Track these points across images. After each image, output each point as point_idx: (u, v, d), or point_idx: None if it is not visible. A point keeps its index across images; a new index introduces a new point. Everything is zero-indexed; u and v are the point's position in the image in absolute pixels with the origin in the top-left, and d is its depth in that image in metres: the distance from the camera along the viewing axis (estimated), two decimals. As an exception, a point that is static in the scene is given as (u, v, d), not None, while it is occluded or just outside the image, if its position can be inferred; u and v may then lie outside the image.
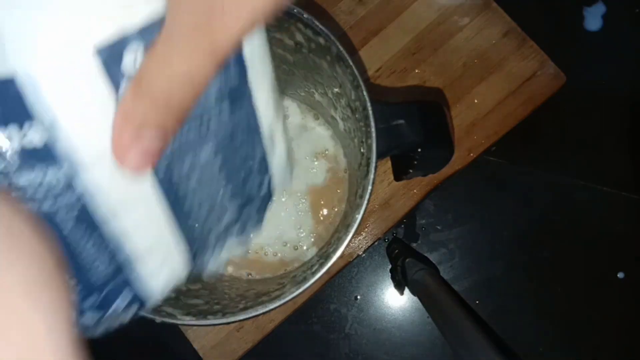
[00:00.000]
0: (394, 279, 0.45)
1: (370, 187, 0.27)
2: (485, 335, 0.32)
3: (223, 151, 0.18)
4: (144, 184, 0.17)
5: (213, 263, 0.21)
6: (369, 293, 0.47)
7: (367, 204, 0.28)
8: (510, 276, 0.47)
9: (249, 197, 0.21)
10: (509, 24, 0.44)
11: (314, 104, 0.40)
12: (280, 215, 0.41)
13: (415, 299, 0.44)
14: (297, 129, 0.41)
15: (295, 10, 0.27)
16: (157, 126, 0.15)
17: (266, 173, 0.21)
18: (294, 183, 0.41)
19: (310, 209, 0.41)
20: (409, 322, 0.46)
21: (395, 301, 0.47)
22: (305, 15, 0.27)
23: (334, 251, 0.28)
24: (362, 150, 0.30)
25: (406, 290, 0.45)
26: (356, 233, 0.29)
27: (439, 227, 0.47)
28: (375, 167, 0.28)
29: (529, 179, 0.47)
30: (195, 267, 0.20)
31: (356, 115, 0.31)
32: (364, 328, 0.46)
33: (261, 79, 0.19)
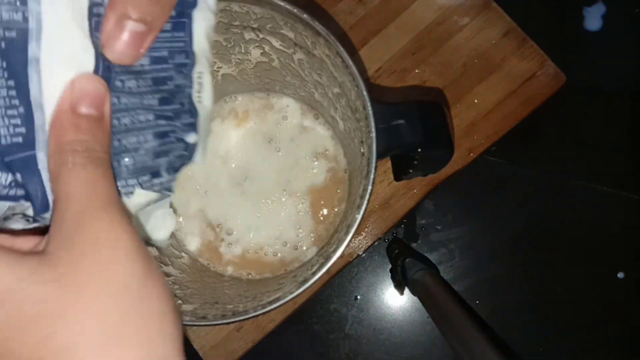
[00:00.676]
0: (394, 279, 0.45)
1: (370, 187, 0.27)
2: (485, 335, 0.32)
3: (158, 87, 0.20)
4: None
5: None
6: (369, 293, 0.47)
7: (367, 204, 0.28)
8: (510, 276, 0.47)
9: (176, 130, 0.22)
10: (509, 24, 0.44)
11: (314, 104, 0.40)
12: (280, 215, 0.41)
13: (415, 299, 0.44)
14: (297, 129, 0.41)
15: (295, 10, 0.27)
16: (138, 17, 0.17)
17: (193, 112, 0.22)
18: (294, 183, 0.41)
19: (310, 209, 0.41)
20: (409, 322, 0.46)
21: (395, 301, 0.47)
22: (305, 15, 0.27)
23: (334, 251, 0.28)
24: (362, 150, 0.30)
25: (406, 290, 0.45)
26: (356, 233, 0.29)
27: (439, 227, 0.47)
28: (375, 167, 0.28)
29: (529, 179, 0.47)
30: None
31: (356, 115, 0.31)
32: (364, 328, 0.46)
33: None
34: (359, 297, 0.46)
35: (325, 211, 0.41)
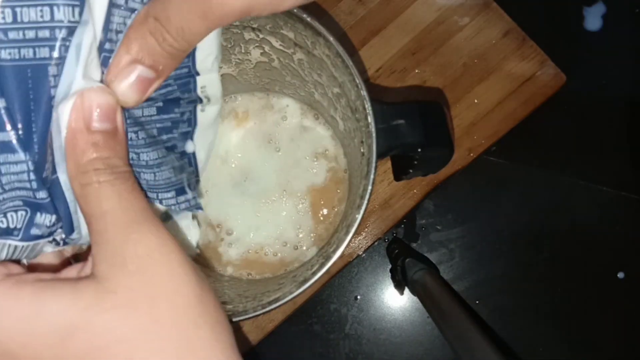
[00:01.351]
0: (394, 279, 0.45)
1: (370, 187, 0.27)
2: (485, 335, 0.32)
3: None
4: None
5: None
6: (369, 293, 0.47)
7: (367, 204, 0.28)
8: (510, 276, 0.47)
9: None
10: (509, 24, 0.44)
11: (314, 104, 0.40)
12: (280, 215, 0.41)
13: (415, 299, 0.44)
14: (297, 129, 0.41)
15: (295, 10, 0.27)
16: (151, 64, 0.17)
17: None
18: (294, 183, 0.41)
19: (310, 209, 0.41)
20: (409, 322, 0.46)
21: (395, 301, 0.47)
22: (305, 15, 0.27)
23: (334, 251, 0.28)
24: (362, 150, 0.30)
25: (406, 290, 0.45)
26: (356, 233, 0.29)
27: (439, 227, 0.47)
28: (375, 167, 0.28)
29: (529, 179, 0.47)
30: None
31: (356, 115, 0.31)
32: (364, 328, 0.46)
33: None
34: (359, 297, 0.46)
35: (325, 211, 0.41)
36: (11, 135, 0.16)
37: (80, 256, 0.21)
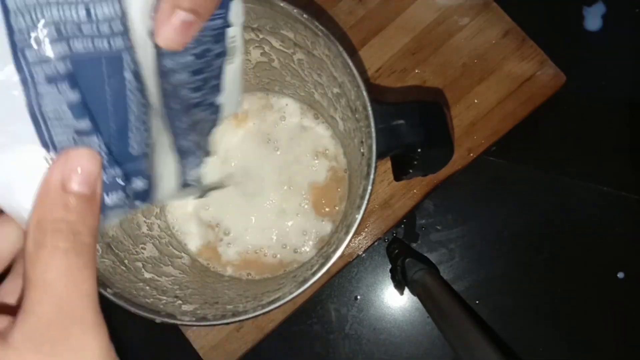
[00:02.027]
0: (394, 279, 0.45)
1: (370, 188, 0.27)
2: (485, 335, 0.32)
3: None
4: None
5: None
6: (369, 293, 0.47)
7: (367, 204, 0.28)
8: (510, 276, 0.47)
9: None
10: (509, 24, 0.44)
11: (313, 104, 0.40)
12: (280, 215, 0.41)
13: (415, 299, 0.44)
14: (297, 128, 0.41)
15: (295, 10, 0.27)
16: (189, 7, 0.18)
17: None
18: (293, 183, 0.41)
19: (312, 207, 0.41)
20: (409, 322, 0.46)
21: (395, 301, 0.47)
22: (305, 15, 0.27)
23: (334, 251, 0.28)
24: (362, 150, 0.30)
25: (406, 290, 0.45)
26: (356, 233, 0.29)
27: (439, 227, 0.47)
28: (375, 168, 0.28)
29: (529, 179, 0.47)
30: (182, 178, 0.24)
31: (356, 115, 0.31)
32: (364, 328, 0.46)
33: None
34: (359, 297, 0.46)
35: (326, 210, 0.41)
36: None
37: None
